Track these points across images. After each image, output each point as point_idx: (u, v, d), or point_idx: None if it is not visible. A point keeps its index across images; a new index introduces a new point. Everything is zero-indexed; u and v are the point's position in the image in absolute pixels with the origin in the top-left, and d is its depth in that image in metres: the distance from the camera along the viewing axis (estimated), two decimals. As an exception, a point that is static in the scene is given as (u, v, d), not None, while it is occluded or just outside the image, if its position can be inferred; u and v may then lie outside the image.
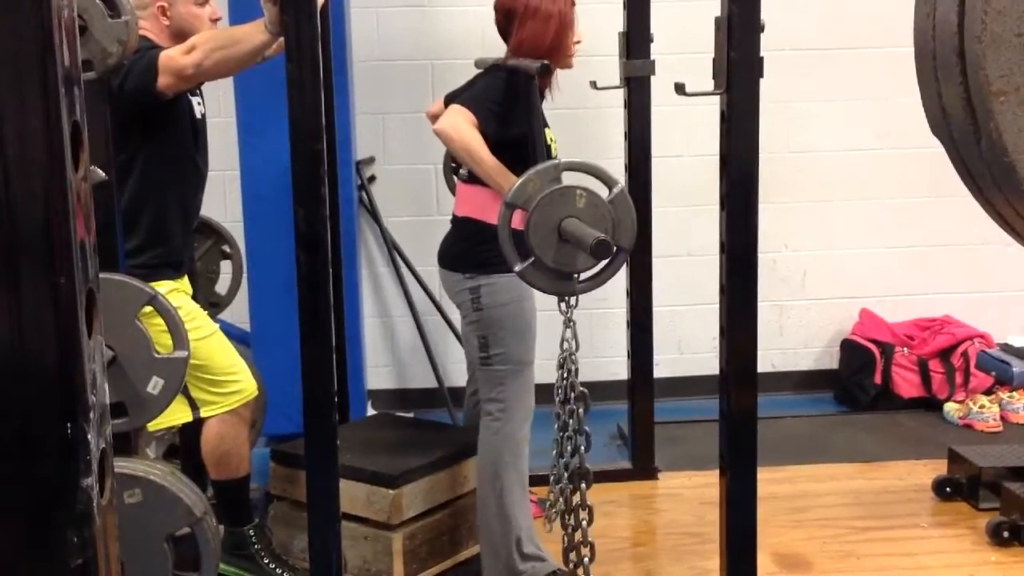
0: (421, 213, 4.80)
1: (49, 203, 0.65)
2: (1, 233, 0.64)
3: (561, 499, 2.72)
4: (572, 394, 2.62)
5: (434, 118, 3.16)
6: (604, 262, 2.39)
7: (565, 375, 2.62)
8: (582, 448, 2.65)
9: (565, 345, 2.61)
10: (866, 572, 3.21)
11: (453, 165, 3.04)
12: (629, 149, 3.90)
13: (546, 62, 2.82)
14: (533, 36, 2.93)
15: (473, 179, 2.93)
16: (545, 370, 3.03)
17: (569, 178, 2.49)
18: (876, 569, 3.22)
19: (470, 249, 2.97)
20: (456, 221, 3.06)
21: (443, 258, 3.09)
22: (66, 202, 0.66)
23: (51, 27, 0.65)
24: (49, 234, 0.65)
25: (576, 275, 2.46)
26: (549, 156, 2.90)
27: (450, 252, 3.06)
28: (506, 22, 3.00)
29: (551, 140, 3.01)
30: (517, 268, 2.44)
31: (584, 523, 2.67)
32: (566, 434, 2.65)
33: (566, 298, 2.55)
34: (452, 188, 3.36)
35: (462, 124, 2.77)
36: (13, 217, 0.64)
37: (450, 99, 3.06)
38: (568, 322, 2.58)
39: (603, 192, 2.44)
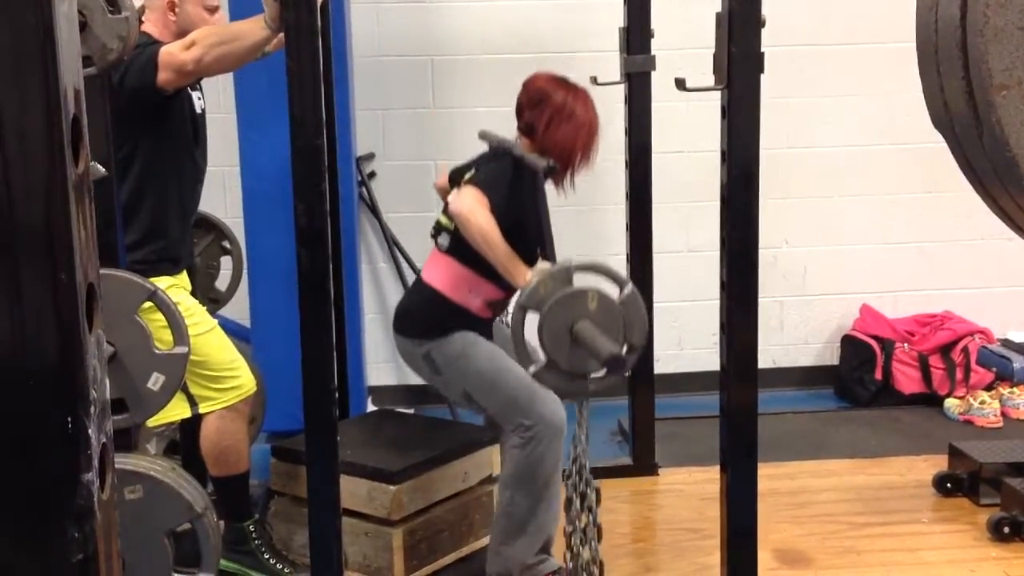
0: (421, 209, 4.79)
1: (49, 198, 0.65)
2: (1, 228, 0.64)
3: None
4: (586, 488, 2.61)
5: (441, 191, 3.19)
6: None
7: (578, 470, 2.62)
8: (594, 542, 2.61)
9: (578, 446, 2.61)
10: (867, 568, 3.21)
11: (433, 231, 3.06)
12: (630, 145, 3.89)
13: (553, 163, 2.91)
14: (565, 139, 2.95)
15: (452, 253, 2.95)
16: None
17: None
18: (877, 565, 3.22)
19: (426, 318, 3.00)
20: (420, 286, 3.07)
21: (398, 322, 3.09)
22: (66, 197, 0.65)
23: (51, 22, 0.65)
24: (49, 229, 0.65)
25: (588, 376, 2.46)
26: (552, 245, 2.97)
27: (406, 318, 3.07)
28: (530, 109, 2.99)
29: None
30: (532, 370, 2.44)
31: None
32: (577, 526, 2.64)
33: (580, 400, 2.56)
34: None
35: (477, 208, 2.78)
36: (13, 212, 0.64)
37: (455, 175, 3.09)
38: (580, 423, 2.60)
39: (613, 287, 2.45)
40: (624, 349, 2.37)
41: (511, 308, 2.61)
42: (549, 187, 3.04)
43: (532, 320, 2.41)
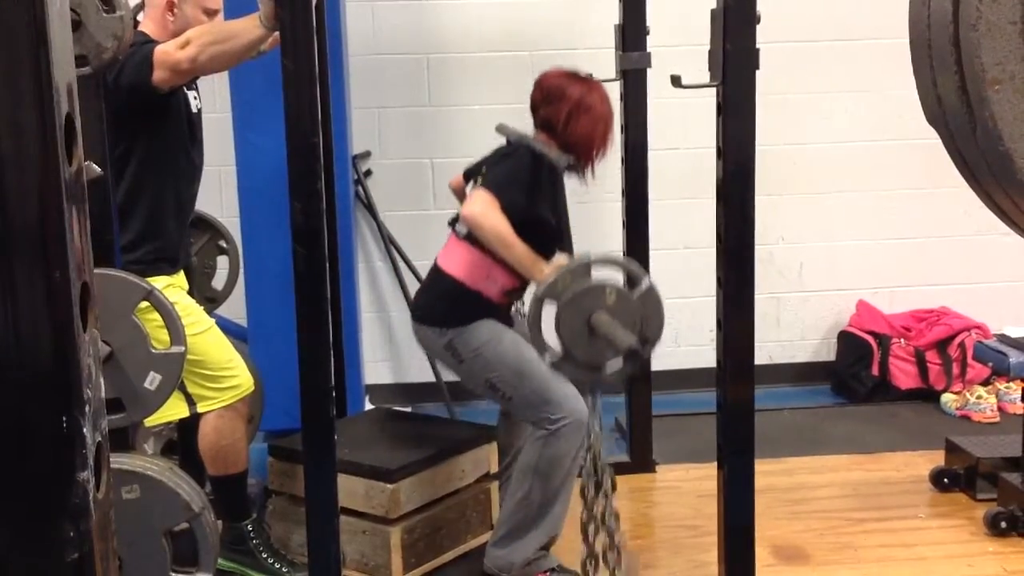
0: (417, 207, 4.80)
1: (43, 197, 0.65)
2: (-5, 227, 0.64)
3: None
4: (602, 476, 2.62)
5: (455, 190, 3.21)
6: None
7: (593, 458, 2.63)
8: (612, 526, 2.62)
9: (592, 435, 2.63)
10: (864, 563, 3.21)
11: (451, 219, 3.07)
12: (625, 141, 3.90)
13: (571, 159, 2.95)
14: (585, 133, 2.98)
15: (470, 239, 2.96)
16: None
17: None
18: (874, 560, 3.23)
19: (447, 306, 3.01)
20: (438, 273, 3.08)
21: (418, 311, 3.11)
22: (60, 196, 0.65)
23: (44, 21, 0.65)
24: (43, 228, 0.65)
25: (604, 367, 2.47)
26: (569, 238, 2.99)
27: (426, 306, 3.09)
28: (547, 106, 3.01)
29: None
30: (548, 361, 2.46)
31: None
32: (593, 513, 2.65)
33: (593, 391, 2.58)
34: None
35: (489, 211, 2.80)
36: (7, 211, 0.64)
37: (470, 174, 3.11)
38: (593, 411, 2.62)
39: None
40: (640, 343, 2.39)
41: (527, 298, 2.62)
42: (570, 183, 3.06)
43: (548, 312, 2.43)
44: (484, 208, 2.80)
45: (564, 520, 3.00)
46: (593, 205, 4.63)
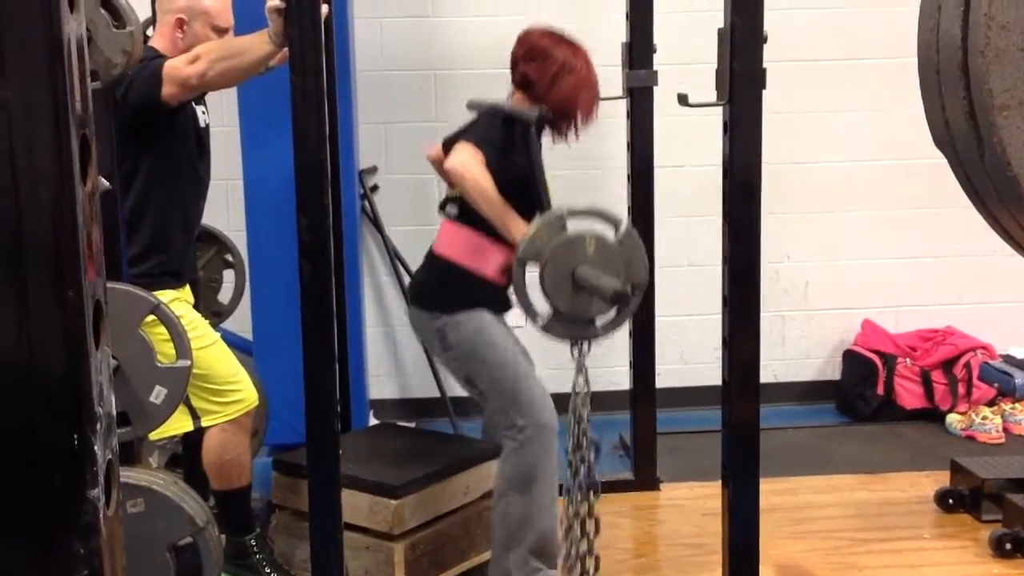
0: (423, 222, 4.79)
1: (58, 216, 0.66)
2: (10, 246, 0.65)
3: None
4: (584, 440, 2.60)
5: (434, 162, 3.19)
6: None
7: (577, 421, 2.60)
8: (592, 494, 2.61)
9: (577, 391, 2.58)
10: (868, 584, 3.21)
11: (440, 205, 3.06)
12: (631, 159, 3.90)
13: (545, 110, 2.88)
14: (568, 94, 2.93)
15: (461, 219, 2.94)
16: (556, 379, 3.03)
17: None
18: (878, 581, 3.22)
19: (441, 288, 2.98)
20: (432, 257, 3.06)
21: (412, 293, 3.11)
22: (75, 216, 0.66)
23: (60, 41, 0.66)
24: (57, 247, 0.66)
25: (593, 320, 2.44)
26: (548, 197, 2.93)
27: (421, 288, 3.08)
28: (527, 63, 2.98)
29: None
30: (539, 323, 2.43)
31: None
32: (577, 481, 2.63)
33: (579, 344, 2.53)
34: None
35: (472, 163, 2.77)
36: (22, 230, 0.64)
37: (449, 142, 3.06)
38: (580, 367, 2.56)
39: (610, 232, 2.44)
40: (628, 288, 2.35)
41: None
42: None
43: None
44: (467, 160, 2.77)
45: (553, 529, 2.96)
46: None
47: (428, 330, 3.00)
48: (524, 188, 2.85)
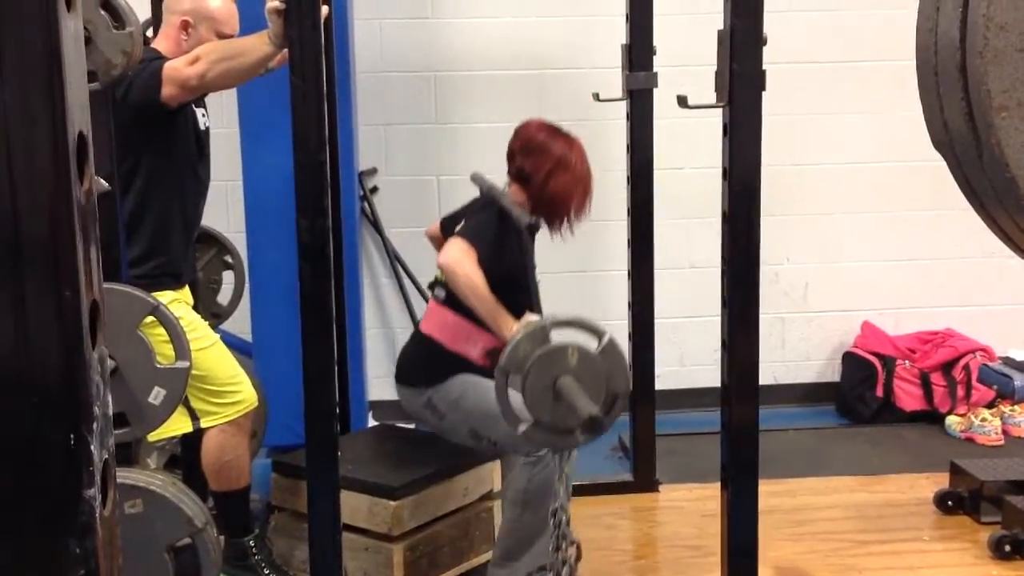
0: (423, 224, 4.75)
1: (55, 216, 0.66)
2: (7, 246, 0.65)
3: None
4: (564, 543, 2.58)
5: (433, 239, 3.24)
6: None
7: (556, 525, 2.58)
8: None
9: (557, 500, 2.51)
10: (867, 586, 3.20)
11: (430, 284, 3.09)
12: (631, 161, 3.91)
13: (535, 219, 2.96)
14: (562, 190, 2.99)
15: (448, 303, 2.98)
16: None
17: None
18: (877, 583, 3.22)
19: (427, 366, 3.04)
20: (419, 337, 3.12)
21: (400, 373, 3.14)
22: (71, 216, 0.66)
23: (58, 41, 0.66)
24: (55, 247, 0.66)
25: (575, 430, 2.43)
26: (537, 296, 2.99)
27: (407, 366, 3.13)
28: (524, 156, 3.02)
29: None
30: (521, 430, 2.42)
31: None
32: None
33: (560, 453, 2.52)
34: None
35: (465, 260, 2.81)
36: (19, 230, 0.64)
37: (447, 223, 3.12)
38: (561, 476, 2.52)
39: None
40: (610, 399, 2.34)
41: None
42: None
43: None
44: (460, 256, 2.82)
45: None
46: (598, 224, 4.64)
47: (416, 406, 3.07)
48: (515, 285, 2.92)
